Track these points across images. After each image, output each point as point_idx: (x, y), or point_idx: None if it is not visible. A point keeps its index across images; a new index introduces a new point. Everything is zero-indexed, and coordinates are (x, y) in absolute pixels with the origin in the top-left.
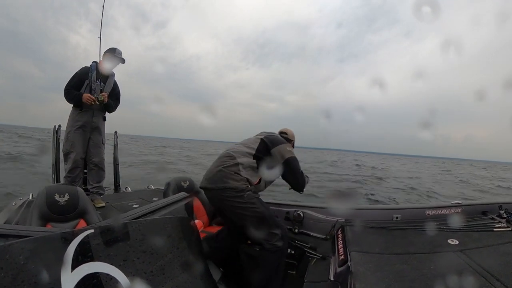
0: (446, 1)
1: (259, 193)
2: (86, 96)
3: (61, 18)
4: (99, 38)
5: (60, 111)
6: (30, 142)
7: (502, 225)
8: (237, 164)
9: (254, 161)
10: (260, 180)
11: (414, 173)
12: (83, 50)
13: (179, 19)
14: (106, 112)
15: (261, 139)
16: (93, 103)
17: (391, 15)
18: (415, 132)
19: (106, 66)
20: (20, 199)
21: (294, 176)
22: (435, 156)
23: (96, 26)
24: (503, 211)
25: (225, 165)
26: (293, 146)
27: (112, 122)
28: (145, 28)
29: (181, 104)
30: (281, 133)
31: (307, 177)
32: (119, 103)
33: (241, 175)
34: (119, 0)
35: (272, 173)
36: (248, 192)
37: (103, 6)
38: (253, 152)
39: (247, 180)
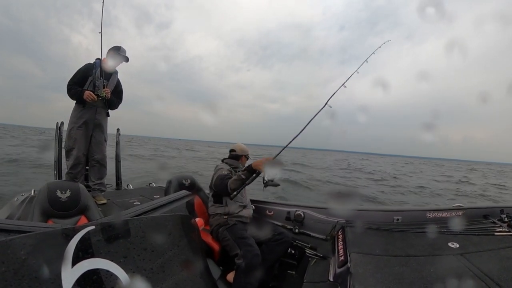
0: (448, 2)
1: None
2: (87, 93)
3: (63, 18)
4: (99, 34)
5: (61, 111)
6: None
7: (503, 229)
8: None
9: (212, 197)
10: (227, 203)
11: None
12: (85, 50)
13: (182, 20)
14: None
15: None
16: (94, 100)
17: (393, 18)
18: (417, 133)
19: (110, 64)
20: (22, 195)
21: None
22: (433, 157)
23: (99, 25)
24: (505, 215)
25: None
26: (246, 157)
27: (113, 122)
28: (148, 28)
29: (181, 104)
30: (231, 150)
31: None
32: (121, 101)
33: (213, 213)
34: (122, 0)
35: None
36: (220, 229)
37: (103, 1)
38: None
39: (217, 214)
